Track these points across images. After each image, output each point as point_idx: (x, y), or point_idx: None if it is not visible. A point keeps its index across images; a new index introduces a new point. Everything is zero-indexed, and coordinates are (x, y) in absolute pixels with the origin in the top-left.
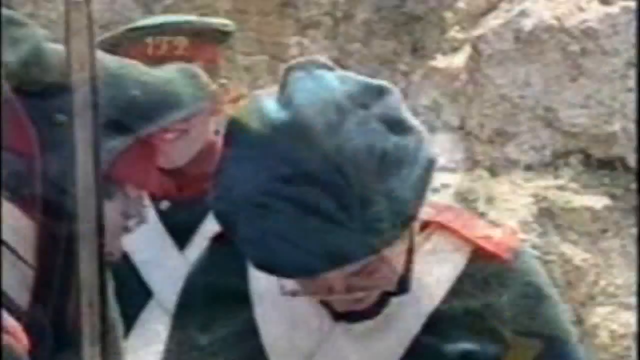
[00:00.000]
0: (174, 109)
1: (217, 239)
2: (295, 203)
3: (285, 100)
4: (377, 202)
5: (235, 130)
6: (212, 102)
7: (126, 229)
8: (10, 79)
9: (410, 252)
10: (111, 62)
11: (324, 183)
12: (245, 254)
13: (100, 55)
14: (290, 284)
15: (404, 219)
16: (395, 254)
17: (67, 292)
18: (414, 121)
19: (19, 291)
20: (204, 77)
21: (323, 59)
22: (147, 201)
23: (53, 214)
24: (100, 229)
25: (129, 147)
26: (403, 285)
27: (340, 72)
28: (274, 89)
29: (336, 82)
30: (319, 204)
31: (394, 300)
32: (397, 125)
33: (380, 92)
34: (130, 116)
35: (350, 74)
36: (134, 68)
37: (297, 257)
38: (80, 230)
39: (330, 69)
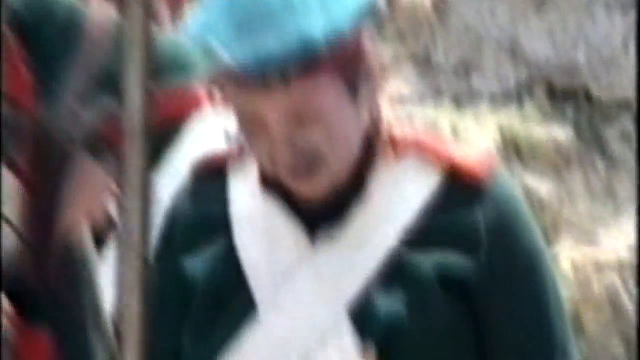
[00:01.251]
0: (181, 71)
1: (197, 169)
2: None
3: None
4: (310, 12)
5: None
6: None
7: (110, 194)
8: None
9: (368, 146)
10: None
11: None
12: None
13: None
14: (234, 130)
15: (334, 34)
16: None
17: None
18: None
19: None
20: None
21: None
22: None
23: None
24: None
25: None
26: (357, 185)
27: None
28: None
29: None
30: (252, 7)
31: (367, 215)
32: None
33: None
34: None
35: None
36: None
37: (232, 53)
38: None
39: None
